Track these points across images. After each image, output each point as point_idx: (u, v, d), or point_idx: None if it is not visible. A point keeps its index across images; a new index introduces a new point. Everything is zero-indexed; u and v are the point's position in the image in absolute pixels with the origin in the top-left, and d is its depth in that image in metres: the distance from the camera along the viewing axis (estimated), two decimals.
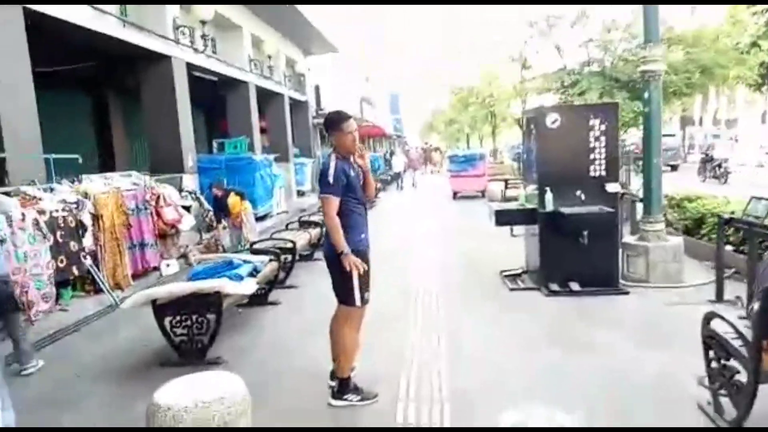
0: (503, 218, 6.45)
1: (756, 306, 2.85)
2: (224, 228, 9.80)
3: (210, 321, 4.53)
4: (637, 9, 10.29)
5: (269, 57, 15.51)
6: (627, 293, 5.90)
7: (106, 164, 12.39)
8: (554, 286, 6.02)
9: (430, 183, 24.91)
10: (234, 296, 4.81)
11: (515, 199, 13.06)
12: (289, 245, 7.11)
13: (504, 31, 19.88)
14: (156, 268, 7.87)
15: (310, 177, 19.27)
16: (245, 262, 5.38)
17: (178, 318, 4.50)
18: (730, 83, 12.33)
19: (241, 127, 14.87)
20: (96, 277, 6.70)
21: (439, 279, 7.02)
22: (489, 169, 17.76)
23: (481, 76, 28.40)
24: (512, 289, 6.31)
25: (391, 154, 28.65)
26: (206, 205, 9.88)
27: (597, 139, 6.04)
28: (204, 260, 5.60)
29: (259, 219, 12.50)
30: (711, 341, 3.20)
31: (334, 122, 3.69)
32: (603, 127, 6.02)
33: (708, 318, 3.23)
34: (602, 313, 5.39)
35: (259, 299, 6.23)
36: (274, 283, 6.33)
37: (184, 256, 8.98)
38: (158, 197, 8.12)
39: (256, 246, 7.24)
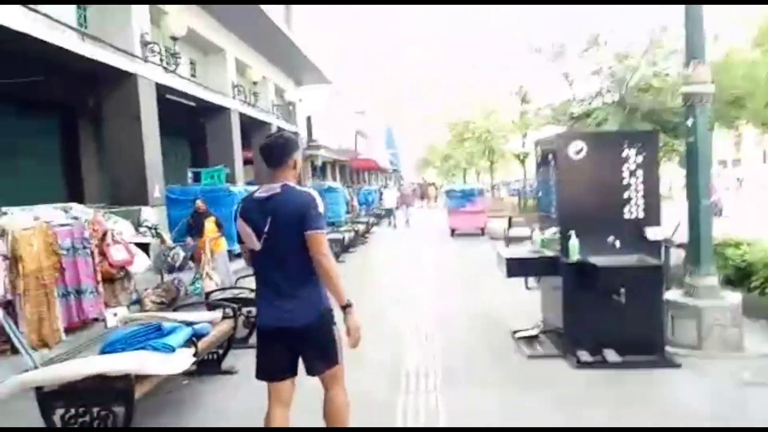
0: (517, 268, 5.21)
1: None
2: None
3: (117, 416, 3.23)
4: (655, 32, 9.39)
5: (254, 83, 14.48)
6: (678, 366, 4.62)
7: (74, 196, 11.16)
8: (584, 355, 4.74)
9: (425, 219, 23.71)
10: (156, 378, 3.53)
11: (520, 239, 11.93)
12: (254, 295, 5.83)
13: (506, 60, 19.07)
14: (98, 320, 6.55)
15: None
16: (182, 324, 4.11)
17: (72, 411, 3.20)
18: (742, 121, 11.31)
19: (222, 157, 13.75)
20: (11, 333, 5.38)
21: (439, 344, 5.70)
22: (488, 206, 16.64)
23: (478, 110, 27.55)
24: (530, 357, 5.03)
25: (383, 188, 26.72)
26: (169, 242, 8.63)
27: (633, 173, 4.88)
28: (133, 320, 4.33)
29: (235, 256, 11.22)
30: None
31: (295, 145, 2.94)
32: (640, 159, 4.86)
33: None
34: (655, 397, 4.10)
35: (210, 365, 4.94)
36: (229, 344, 5.04)
37: (138, 302, 7.68)
38: (104, 234, 6.87)
39: (215, 295, 5.99)
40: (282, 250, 2.73)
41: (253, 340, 5.77)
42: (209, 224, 8.49)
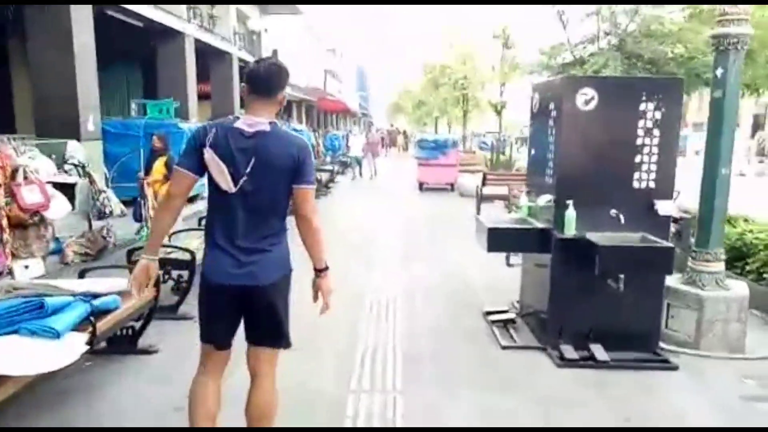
0: (500, 242, 4.38)
1: None
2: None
3: None
4: None
5: (212, 5, 12.96)
6: (675, 368, 3.97)
7: (2, 127, 9.76)
8: (569, 350, 4.04)
9: (392, 169, 22.78)
10: (24, 379, 2.63)
11: (494, 197, 11.18)
12: (187, 256, 4.91)
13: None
14: (1, 273, 5.53)
15: None
16: (76, 299, 3.17)
17: None
18: None
19: (174, 89, 12.39)
20: None
21: (401, 326, 4.93)
22: (459, 159, 15.78)
23: (456, 54, 26.27)
24: (505, 347, 4.30)
25: (349, 133, 24.84)
26: (100, 184, 7.52)
27: (648, 132, 4.06)
28: (16, 289, 3.37)
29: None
30: None
31: (288, 77, 2.47)
32: (658, 115, 4.03)
33: None
34: (646, 408, 3.44)
35: (123, 342, 4.06)
36: (150, 315, 4.14)
37: (59, 252, 6.67)
38: (14, 171, 5.76)
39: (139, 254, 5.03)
40: (261, 198, 2.33)
41: (183, 309, 4.94)
42: (158, 164, 7.36)
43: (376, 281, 6.20)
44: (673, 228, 5.19)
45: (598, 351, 4.03)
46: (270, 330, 2.49)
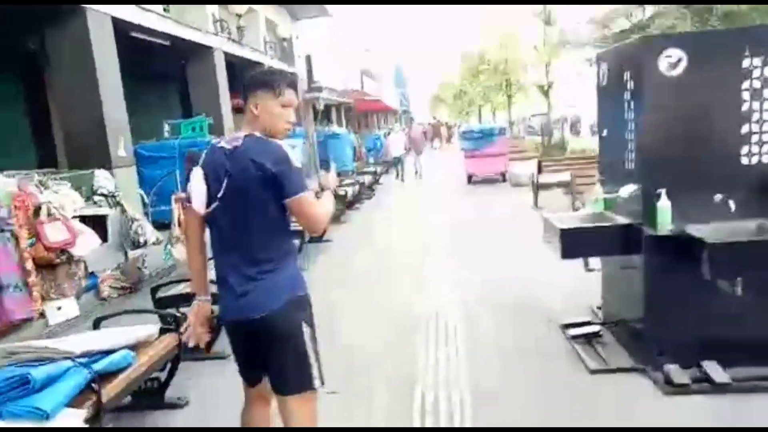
0: (577, 245, 3.61)
1: None
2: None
3: None
4: None
5: (239, 16, 12.60)
6: None
7: (45, 160, 9.70)
8: (676, 372, 3.25)
9: (438, 163, 21.98)
10: None
11: (551, 186, 10.25)
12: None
13: None
14: (28, 320, 5.19)
15: (299, 160, 16.44)
16: (75, 364, 2.66)
17: None
18: None
19: (207, 105, 12.11)
20: None
21: (464, 346, 4.25)
22: (509, 147, 14.84)
23: (494, 38, 25.19)
24: (594, 372, 3.54)
25: (387, 133, 21.87)
26: (133, 213, 7.17)
27: (756, 94, 3.22)
28: (11, 355, 2.91)
29: None
30: None
31: (261, 82, 2.20)
32: None
33: None
34: None
35: (148, 396, 3.56)
36: (176, 364, 3.63)
37: (95, 288, 6.35)
38: (37, 209, 5.43)
39: (165, 290, 4.57)
40: (242, 221, 2.15)
41: (218, 347, 4.45)
42: None
43: (431, 297, 5.52)
44: None
45: (715, 370, 3.22)
46: (282, 369, 2.19)
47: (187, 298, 4.19)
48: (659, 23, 7.47)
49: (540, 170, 9.54)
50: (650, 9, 8.11)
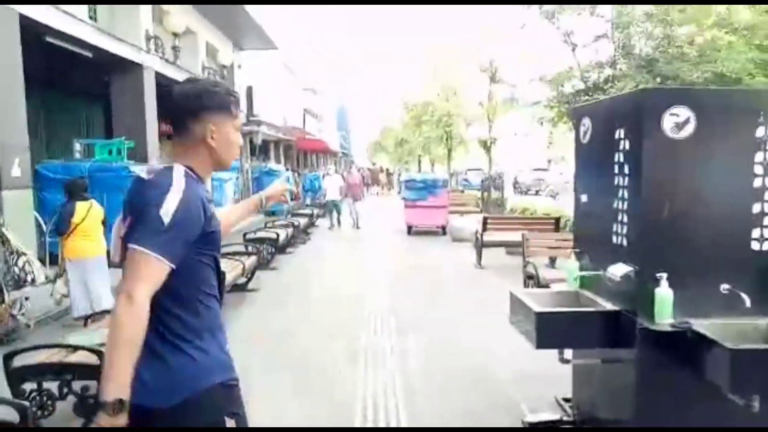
0: (556, 332, 2.95)
1: None
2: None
3: None
4: None
5: (175, 35, 11.72)
6: None
7: None
8: None
9: (375, 209, 21.44)
10: None
11: (498, 245, 9.82)
12: (93, 359, 3.40)
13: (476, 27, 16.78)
14: None
15: (232, 196, 15.37)
16: None
17: None
18: None
19: (130, 127, 11.00)
20: None
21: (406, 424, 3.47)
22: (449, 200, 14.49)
23: (439, 89, 25.48)
24: None
25: (323, 175, 19.75)
26: (15, 244, 5.98)
27: None
28: None
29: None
30: None
31: (218, 103, 1.72)
32: None
33: None
34: None
35: None
36: None
37: None
38: None
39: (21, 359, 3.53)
40: None
41: None
42: (80, 210, 5.81)
43: (368, 369, 4.71)
44: None
45: None
46: None
47: (56, 371, 3.22)
48: (620, 85, 7.30)
49: (485, 228, 9.07)
50: (608, 71, 8.03)
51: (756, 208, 2.76)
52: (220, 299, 1.74)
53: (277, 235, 9.59)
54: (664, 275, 2.67)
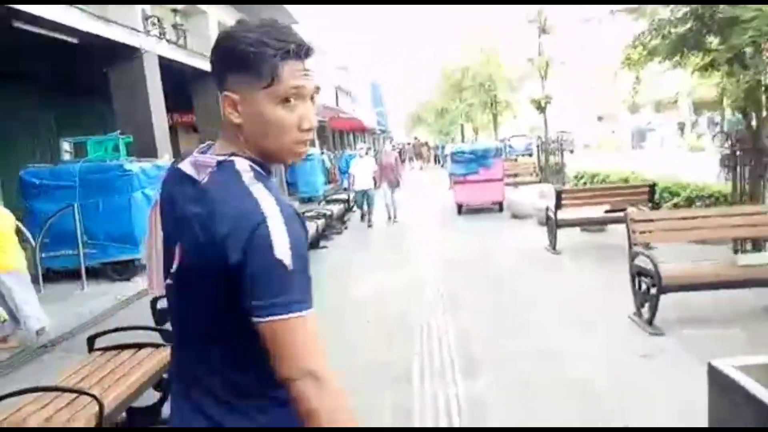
0: None
1: None
2: None
3: None
4: None
5: (174, 12, 10.26)
6: None
7: None
8: None
9: (421, 188, 19.73)
10: None
11: (578, 223, 7.80)
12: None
13: None
14: None
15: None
16: None
17: None
18: None
19: (136, 120, 9.70)
20: None
21: None
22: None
23: (478, 53, 23.35)
24: None
25: (353, 156, 16.01)
26: None
27: None
28: None
29: (127, 270, 7.45)
30: None
31: (238, 57, 1.12)
32: None
33: None
34: None
35: None
36: None
37: None
38: None
39: None
40: (192, 317, 1.19)
41: None
42: None
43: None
44: None
45: None
46: None
47: None
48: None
49: (559, 204, 7.27)
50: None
51: None
52: None
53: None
54: None
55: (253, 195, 1.08)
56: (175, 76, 12.53)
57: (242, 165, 1.12)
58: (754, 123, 5.84)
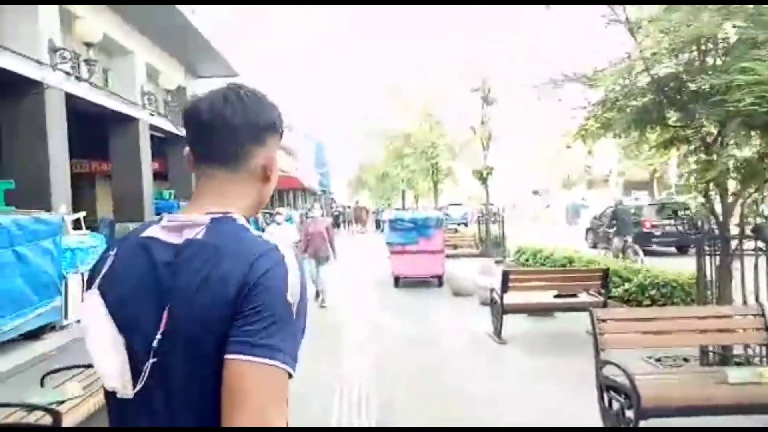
0: None
1: None
2: None
3: None
4: None
5: (87, 45, 9.16)
6: None
7: None
8: None
9: (355, 260, 18.77)
10: None
11: (525, 310, 6.90)
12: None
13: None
14: None
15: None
16: None
17: None
18: None
19: (26, 163, 8.38)
20: None
21: None
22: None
23: (420, 119, 23.32)
24: None
25: (271, 220, 13.54)
26: None
27: None
28: None
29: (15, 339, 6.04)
30: None
31: (269, 121, 1.17)
32: None
33: None
34: None
35: None
36: None
37: None
38: None
39: None
40: (185, 403, 1.01)
41: None
42: None
43: None
44: None
45: None
46: None
47: None
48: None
49: (506, 286, 6.46)
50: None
51: None
52: None
53: None
54: None
55: (266, 239, 1.06)
56: (93, 120, 11.32)
57: (242, 220, 1.10)
58: (718, 208, 5.31)
